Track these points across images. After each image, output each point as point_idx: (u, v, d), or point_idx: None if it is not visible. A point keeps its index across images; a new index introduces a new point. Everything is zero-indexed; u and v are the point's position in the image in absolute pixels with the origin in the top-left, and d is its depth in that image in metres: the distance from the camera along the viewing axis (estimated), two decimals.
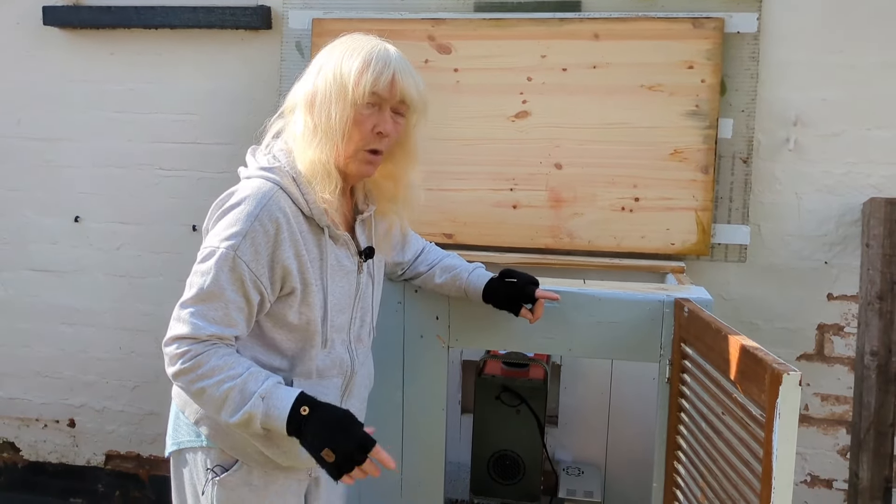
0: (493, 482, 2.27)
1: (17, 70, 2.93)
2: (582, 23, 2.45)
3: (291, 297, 1.48)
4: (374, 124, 1.48)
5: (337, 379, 1.58)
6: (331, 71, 1.47)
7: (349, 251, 1.57)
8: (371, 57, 1.47)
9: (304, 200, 1.47)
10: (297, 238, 1.46)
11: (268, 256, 1.43)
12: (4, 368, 3.12)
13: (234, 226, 1.42)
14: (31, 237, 3.01)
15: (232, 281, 1.41)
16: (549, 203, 2.49)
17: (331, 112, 1.45)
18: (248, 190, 1.45)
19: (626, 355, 1.99)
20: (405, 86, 1.49)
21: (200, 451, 1.58)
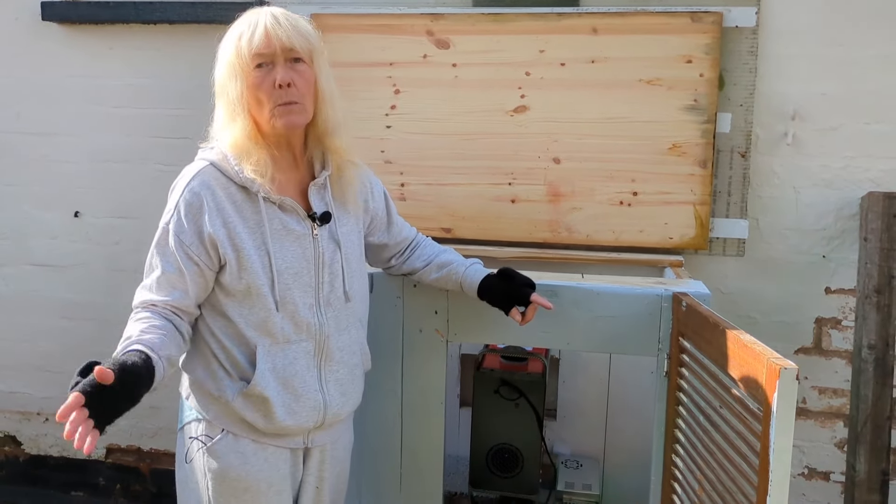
0: (491, 475, 2.28)
1: (16, 65, 2.93)
2: (580, 17, 2.45)
3: (227, 266, 1.55)
4: (273, 81, 1.53)
5: (306, 343, 1.62)
6: (220, 57, 1.58)
7: (298, 215, 1.61)
8: (242, 25, 1.55)
9: (236, 172, 1.55)
10: (225, 207, 1.55)
11: (195, 226, 1.53)
12: (5, 362, 3.13)
13: (170, 202, 1.58)
14: (31, 232, 3.01)
15: (167, 253, 1.55)
16: (547, 197, 2.49)
17: (228, 90, 1.55)
18: (183, 172, 1.60)
19: (624, 349, 2.00)
20: (282, 34, 1.52)
21: (193, 423, 1.65)
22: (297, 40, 1.54)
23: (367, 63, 2.54)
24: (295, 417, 1.62)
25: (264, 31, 1.52)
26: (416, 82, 2.53)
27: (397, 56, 2.53)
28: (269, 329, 1.58)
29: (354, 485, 2.12)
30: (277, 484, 1.65)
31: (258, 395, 1.57)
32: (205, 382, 1.62)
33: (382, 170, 2.54)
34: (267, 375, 1.58)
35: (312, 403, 1.63)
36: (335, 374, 1.67)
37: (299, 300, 1.60)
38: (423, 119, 2.54)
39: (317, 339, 1.63)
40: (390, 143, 2.55)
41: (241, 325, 1.57)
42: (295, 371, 1.61)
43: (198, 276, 1.55)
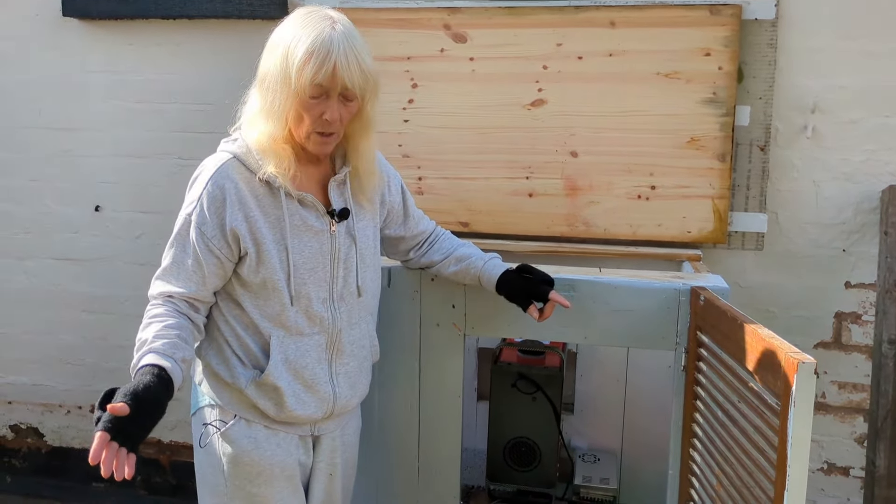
0: (509, 469, 2.29)
1: (38, 61, 2.96)
2: (598, 10, 2.44)
3: (247, 258, 1.57)
4: (322, 112, 1.52)
5: (319, 336, 1.64)
6: (279, 56, 1.51)
7: (318, 211, 1.62)
8: (314, 47, 1.47)
9: (259, 166, 1.55)
10: (248, 201, 1.56)
11: (218, 219, 1.55)
12: (28, 355, 3.17)
13: (192, 193, 1.59)
14: (53, 226, 3.05)
15: (187, 244, 1.56)
16: (564, 191, 2.49)
17: (276, 98, 1.52)
18: (205, 164, 1.60)
19: (642, 343, 1.99)
20: (348, 75, 1.49)
21: (206, 408, 1.68)
22: (359, 81, 1.51)
23: (384, 57, 2.54)
24: (305, 408, 1.65)
25: (333, 67, 1.47)
26: (434, 76, 2.53)
27: (414, 50, 2.53)
28: (283, 321, 1.61)
29: (372, 478, 2.14)
30: (289, 468, 1.69)
31: (271, 385, 1.61)
32: (218, 369, 1.64)
33: (400, 164, 2.54)
34: (280, 366, 1.61)
35: (322, 395, 1.67)
36: (345, 367, 1.70)
37: (314, 294, 1.62)
38: (441, 113, 2.54)
39: (329, 333, 1.66)
40: (408, 138, 2.56)
41: (255, 315, 1.60)
42: (306, 363, 1.64)
43: (217, 268, 1.57)
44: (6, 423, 3.27)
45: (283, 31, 1.54)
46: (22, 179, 3.05)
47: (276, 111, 1.53)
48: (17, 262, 3.11)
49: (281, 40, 1.52)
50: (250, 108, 1.60)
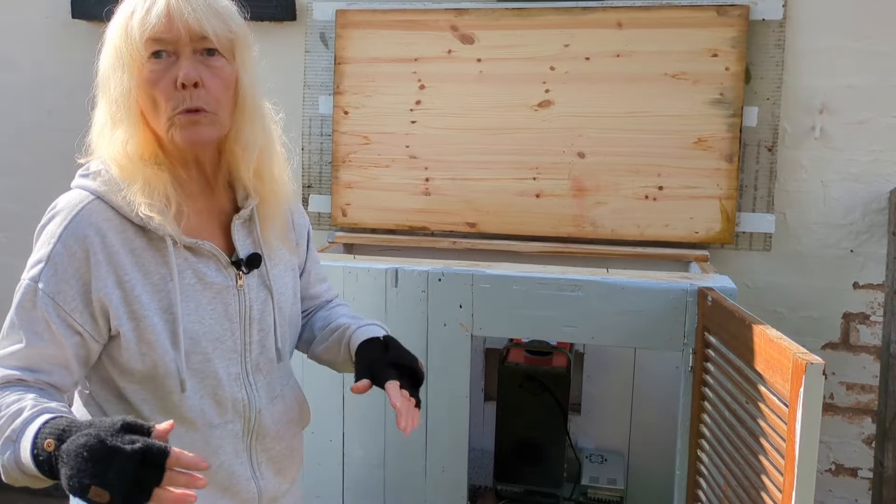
0: (516, 469, 2.29)
1: (48, 63, 2.98)
2: (605, 11, 2.44)
3: (120, 340, 1.14)
4: (174, 77, 1.12)
5: (233, 424, 1.25)
6: (106, 41, 1.17)
7: (219, 263, 1.22)
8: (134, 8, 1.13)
9: (130, 207, 1.13)
10: (120, 260, 1.13)
11: (80, 286, 1.12)
12: None
13: (39, 250, 1.14)
14: None
15: (35, 320, 1.11)
16: (571, 192, 2.49)
17: (111, 85, 1.15)
18: (59, 204, 1.17)
19: (649, 344, 2.00)
20: (190, 15, 1.11)
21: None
22: (214, 24, 1.14)
23: (391, 59, 2.55)
24: None
25: (165, 7, 1.11)
26: (441, 77, 2.54)
27: (422, 51, 2.54)
28: (182, 414, 1.18)
29: (379, 478, 2.14)
30: None
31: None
32: None
33: (407, 165, 2.56)
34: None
35: (244, 496, 1.27)
36: (269, 453, 1.31)
37: (222, 372, 1.22)
38: (448, 114, 2.54)
39: (245, 417, 1.26)
40: (415, 139, 2.56)
41: (144, 408, 1.18)
42: (220, 462, 1.23)
43: (80, 349, 1.14)
44: None
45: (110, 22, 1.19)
46: (30, 180, 3.06)
47: (119, 105, 1.14)
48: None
49: (107, 28, 1.18)
50: (95, 122, 1.21)
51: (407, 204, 2.57)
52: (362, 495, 2.15)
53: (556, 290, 2.00)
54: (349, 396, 2.12)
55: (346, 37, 2.58)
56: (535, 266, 2.12)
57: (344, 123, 2.59)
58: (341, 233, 2.63)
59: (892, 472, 2.25)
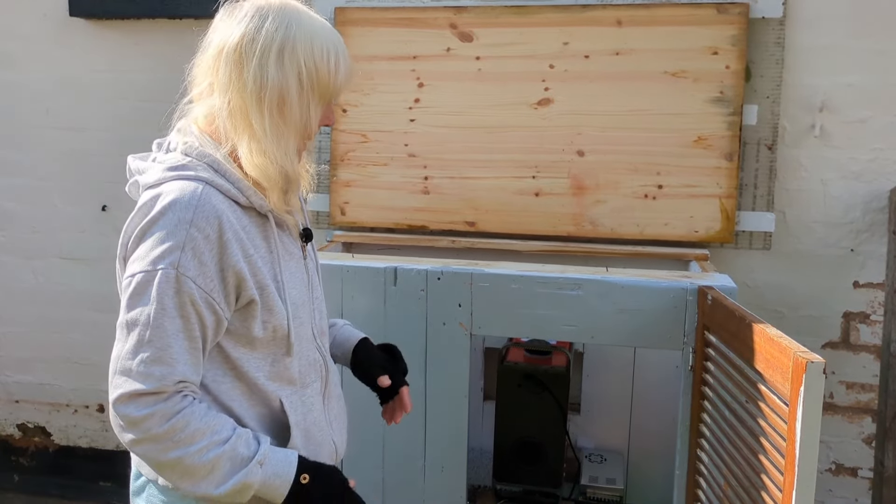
0: (515, 468, 2.28)
1: (45, 61, 2.97)
2: (605, 9, 2.43)
3: (251, 308, 1.24)
4: (328, 117, 1.33)
5: (316, 384, 1.38)
6: (298, 59, 1.22)
7: (292, 235, 1.36)
8: (338, 47, 1.26)
9: (236, 189, 1.24)
10: (241, 236, 1.22)
11: (216, 265, 1.19)
12: (35, 354, 3.18)
13: (165, 240, 1.16)
14: (60, 225, 3.06)
15: (180, 306, 1.17)
16: (571, 191, 2.48)
17: (293, 108, 1.23)
18: (170, 195, 1.18)
19: (649, 343, 1.99)
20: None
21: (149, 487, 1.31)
22: None
23: (390, 56, 2.54)
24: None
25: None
26: (440, 75, 2.53)
27: (421, 49, 2.53)
28: (289, 376, 1.32)
29: (378, 478, 2.14)
30: None
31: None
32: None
33: (406, 163, 2.55)
34: (300, 434, 1.32)
35: (328, 450, 1.40)
36: (335, 411, 1.46)
37: (307, 335, 1.36)
38: (447, 112, 2.53)
39: (322, 377, 1.40)
40: (414, 137, 2.55)
41: (260, 379, 1.28)
42: (314, 419, 1.37)
43: (215, 333, 1.22)
44: (14, 421, 3.28)
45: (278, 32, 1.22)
46: (29, 179, 3.05)
47: (296, 126, 1.25)
48: (25, 261, 3.11)
49: (286, 42, 1.21)
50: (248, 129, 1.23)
51: (406, 202, 2.56)
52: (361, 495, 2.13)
53: (555, 289, 1.99)
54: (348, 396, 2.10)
55: (344, 34, 2.51)
56: (535, 265, 2.12)
57: (342, 122, 2.58)
58: (340, 231, 2.63)
59: (892, 472, 2.24)
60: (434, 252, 2.53)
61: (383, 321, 2.06)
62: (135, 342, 1.17)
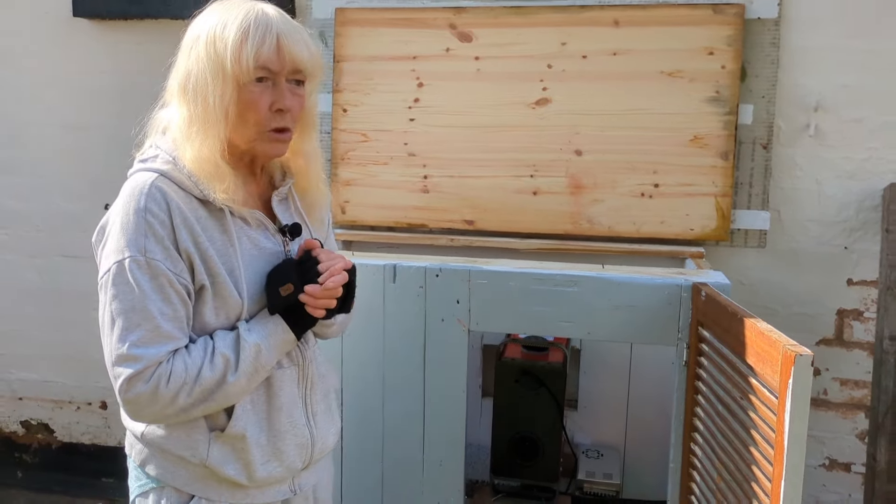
0: (512, 463, 2.31)
1: (48, 60, 3.00)
2: (602, 10, 2.46)
3: (203, 293, 1.32)
4: (272, 101, 1.31)
5: (290, 371, 1.44)
6: (203, 47, 1.29)
7: (267, 230, 1.41)
8: (248, 23, 1.28)
9: (191, 181, 1.30)
10: (192, 225, 1.29)
11: (173, 245, 1.28)
12: (38, 352, 3.21)
13: (126, 231, 1.27)
14: (62, 224, 3.09)
15: (156, 288, 1.26)
16: (569, 189, 2.51)
17: (208, 96, 1.28)
18: (125, 190, 1.31)
19: (644, 339, 2.02)
20: (295, 50, 1.30)
21: (152, 493, 1.41)
22: (308, 59, 1.33)
23: (390, 56, 2.58)
24: (282, 458, 1.42)
25: (277, 41, 1.29)
26: (439, 75, 2.56)
27: (420, 49, 2.56)
28: None
29: (377, 472, 2.17)
30: None
31: (237, 437, 1.37)
32: (168, 443, 1.37)
33: (405, 162, 2.58)
34: (248, 412, 1.38)
35: (300, 440, 1.44)
36: (319, 404, 1.50)
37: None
38: (446, 112, 2.57)
39: (299, 365, 1.45)
40: (413, 136, 2.59)
41: None
42: (281, 403, 1.42)
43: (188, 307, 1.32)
44: (17, 418, 3.31)
45: (198, 24, 1.34)
46: (31, 177, 3.08)
47: (210, 114, 1.28)
48: (28, 259, 3.14)
49: (200, 31, 1.31)
50: (175, 121, 1.34)
51: (405, 201, 2.60)
52: (361, 488, 2.17)
53: (552, 286, 2.02)
54: (348, 393, 2.14)
55: (344, 35, 2.60)
56: (532, 262, 2.14)
57: (343, 121, 2.62)
58: (340, 230, 2.65)
59: (884, 466, 2.27)
60: (433, 250, 2.56)
61: (382, 318, 2.09)
62: (122, 328, 1.27)
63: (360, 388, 2.14)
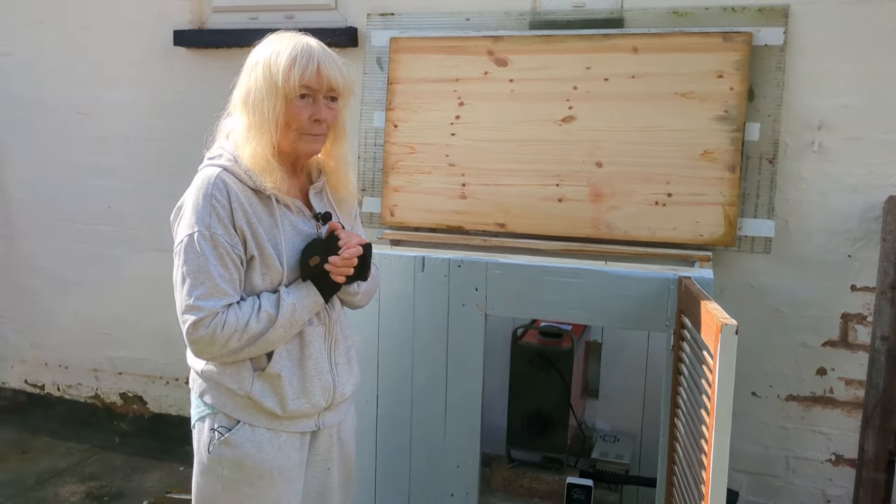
0: (526, 436, 2.59)
1: (152, 83, 3.50)
2: (623, 38, 2.76)
3: (252, 262, 1.70)
4: (311, 113, 1.70)
5: (318, 328, 1.81)
6: (261, 70, 1.68)
7: (305, 216, 1.79)
8: (296, 52, 1.67)
9: (248, 176, 1.69)
10: (247, 208, 1.67)
11: (231, 224, 1.66)
12: (136, 333, 3.70)
13: (195, 211, 1.65)
14: (158, 222, 3.53)
15: (216, 256, 1.64)
16: (590, 197, 2.79)
17: (263, 108, 1.67)
18: (197, 180, 1.71)
19: (639, 325, 2.29)
20: (331, 74, 1.69)
21: (208, 418, 1.78)
22: (341, 82, 1.72)
23: (435, 79, 2.93)
24: (309, 397, 1.78)
25: (317, 67, 1.67)
26: (478, 95, 2.90)
27: (462, 73, 2.91)
28: None
29: (406, 440, 2.49)
30: (288, 471, 1.80)
31: (274, 375, 1.73)
32: (222, 378, 1.74)
33: (447, 172, 2.92)
34: (283, 358, 1.75)
35: (324, 384, 1.81)
36: (341, 357, 1.87)
37: None
38: (483, 127, 2.90)
39: (325, 324, 1.82)
40: (454, 149, 2.93)
41: None
42: (311, 352, 1.79)
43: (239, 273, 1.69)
44: (117, 391, 3.81)
45: (257, 52, 1.73)
46: (135, 183, 3.59)
47: (265, 122, 1.66)
48: (130, 253, 3.64)
49: (259, 58, 1.71)
50: (237, 127, 1.74)
51: (446, 206, 2.93)
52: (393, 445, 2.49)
53: (558, 277, 2.31)
54: (383, 363, 2.48)
55: (398, 60, 2.98)
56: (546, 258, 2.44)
57: (394, 135, 2.99)
58: (389, 230, 3.01)
59: (871, 455, 2.44)
60: (469, 249, 2.85)
61: (412, 301, 2.43)
62: (190, 285, 1.65)
63: (392, 360, 2.47)
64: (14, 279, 3.92)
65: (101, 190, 3.66)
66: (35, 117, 3.73)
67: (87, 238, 3.72)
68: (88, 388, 3.89)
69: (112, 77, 3.56)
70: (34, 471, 3.53)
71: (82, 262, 3.75)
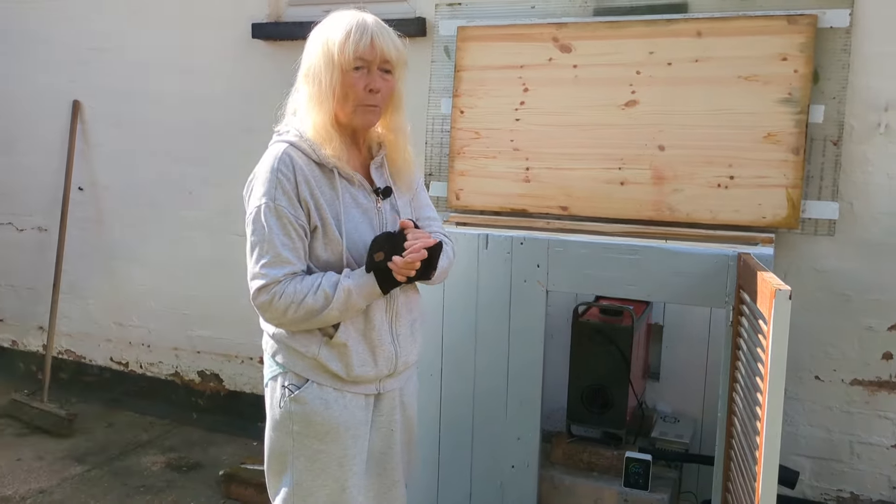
0: (585, 411, 2.64)
1: (231, 74, 3.68)
2: (687, 22, 2.79)
3: (316, 232, 1.80)
4: (366, 83, 1.78)
5: (380, 302, 1.87)
6: (319, 45, 1.80)
7: (365, 190, 1.88)
8: (351, 27, 1.76)
9: (312, 150, 1.79)
10: (311, 181, 1.78)
11: (295, 197, 1.76)
12: (214, 313, 3.89)
13: (263, 184, 1.77)
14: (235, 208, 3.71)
15: (280, 227, 1.75)
16: (652, 180, 2.83)
17: (322, 80, 1.77)
18: (267, 155, 1.82)
19: (698, 301, 2.34)
20: (384, 46, 1.78)
21: (280, 376, 1.90)
22: (394, 54, 1.80)
23: (501, 66, 3.02)
24: (372, 365, 1.88)
25: (371, 39, 1.76)
26: (542, 81, 2.97)
27: (526, 59, 2.98)
28: None
29: (469, 410, 2.58)
30: (354, 428, 1.89)
31: (340, 345, 1.83)
32: (290, 341, 1.85)
33: (511, 156, 3.00)
34: (349, 328, 1.84)
35: (386, 353, 1.90)
36: (403, 329, 1.94)
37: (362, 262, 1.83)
38: (547, 113, 2.96)
39: (387, 299, 1.88)
40: (518, 134, 3.00)
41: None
42: (374, 324, 1.87)
43: (303, 243, 1.80)
44: (195, 369, 4.01)
45: (318, 30, 1.83)
46: (215, 169, 3.78)
47: (323, 93, 1.77)
48: (209, 235, 3.83)
49: (318, 35, 1.81)
50: (300, 100, 1.85)
51: (510, 189, 3.01)
52: (458, 416, 2.58)
53: (617, 254, 2.38)
54: (447, 339, 2.58)
55: (464, 49, 3.08)
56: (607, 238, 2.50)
57: (460, 121, 3.08)
58: (455, 213, 3.10)
59: None
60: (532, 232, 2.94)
61: (476, 277, 2.52)
62: (258, 254, 1.77)
63: (456, 335, 2.57)
64: (102, 262, 4.15)
65: (185, 177, 3.86)
66: (126, 110, 3.96)
67: (170, 223, 3.93)
68: (169, 367, 4.10)
69: (196, 69, 3.76)
70: (119, 442, 3.75)
71: (164, 245, 3.96)
